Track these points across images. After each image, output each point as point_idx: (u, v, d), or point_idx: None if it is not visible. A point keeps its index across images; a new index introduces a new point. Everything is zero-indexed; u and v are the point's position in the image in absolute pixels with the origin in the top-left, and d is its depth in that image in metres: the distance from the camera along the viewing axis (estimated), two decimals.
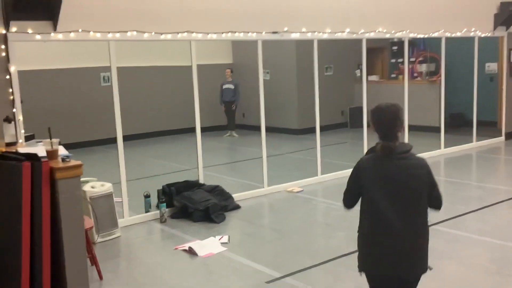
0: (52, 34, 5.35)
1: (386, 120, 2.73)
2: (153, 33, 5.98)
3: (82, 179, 4.40)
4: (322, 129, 7.81)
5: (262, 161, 7.13)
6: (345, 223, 5.74)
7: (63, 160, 3.71)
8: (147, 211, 6.16)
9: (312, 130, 7.92)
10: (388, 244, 2.68)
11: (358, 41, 8.06)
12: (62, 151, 4.09)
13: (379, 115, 2.76)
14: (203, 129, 6.69)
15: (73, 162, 3.69)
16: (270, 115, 7.44)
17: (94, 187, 5.42)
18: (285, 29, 7.09)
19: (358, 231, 2.86)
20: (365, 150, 8.38)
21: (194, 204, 6.02)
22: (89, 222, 4.55)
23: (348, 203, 2.88)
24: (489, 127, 10.76)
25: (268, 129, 7.24)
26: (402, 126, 2.77)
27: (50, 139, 3.82)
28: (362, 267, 2.84)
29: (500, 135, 10.40)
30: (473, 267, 4.45)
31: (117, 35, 5.73)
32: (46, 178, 3.55)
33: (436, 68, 11.46)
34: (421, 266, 2.75)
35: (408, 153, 2.72)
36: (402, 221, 2.66)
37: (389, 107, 2.76)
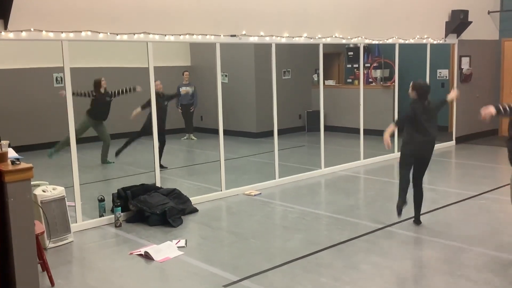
0: (3, 33, 5.16)
1: (426, 90, 5.49)
2: (108, 33, 5.86)
3: (33, 182, 4.26)
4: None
5: (220, 164, 7.11)
6: (302, 226, 5.80)
7: (13, 163, 3.59)
8: (101, 216, 6.03)
9: (270, 134, 7.96)
10: (425, 140, 5.50)
11: (316, 46, 8.17)
12: (11, 153, 3.96)
13: (422, 87, 5.50)
14: None
15: (23, 165, 3.59)
16: (228, 118, 7.44)
17: (45, 190, 5.26)
18: (243, 32, 7.11)
19: (404, 141, 5.63)
20: (322, 154, 8.48)
21: (150, 208, 5.93)
22: (40, 227, 4.42)
23: (401, 126, 5.60)
24: (440, 131, 11.09)
25: (226, 132, 7.22)
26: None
27: None
28: (406, 153, 5.61)
29: (451, 139, 10.77)
30: (426, 268, 4.57)
31: (71, 35, 5.59)
32: None
33: (390, 73, 11.76)
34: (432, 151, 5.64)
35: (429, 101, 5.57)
36: (431, 129, 5.52)
37: (426, 84, 5.75)
